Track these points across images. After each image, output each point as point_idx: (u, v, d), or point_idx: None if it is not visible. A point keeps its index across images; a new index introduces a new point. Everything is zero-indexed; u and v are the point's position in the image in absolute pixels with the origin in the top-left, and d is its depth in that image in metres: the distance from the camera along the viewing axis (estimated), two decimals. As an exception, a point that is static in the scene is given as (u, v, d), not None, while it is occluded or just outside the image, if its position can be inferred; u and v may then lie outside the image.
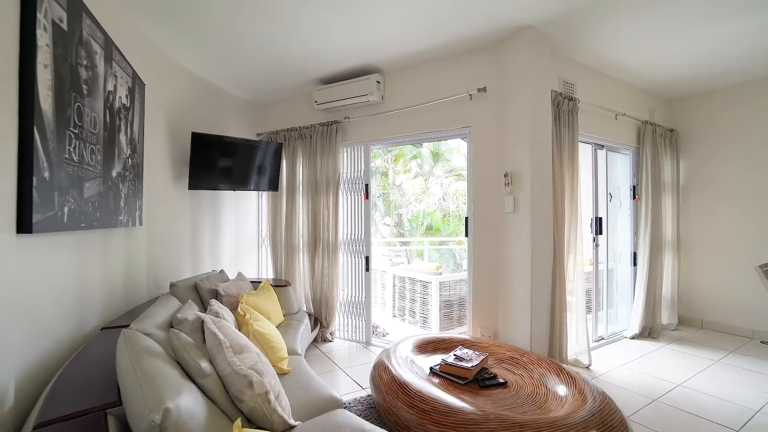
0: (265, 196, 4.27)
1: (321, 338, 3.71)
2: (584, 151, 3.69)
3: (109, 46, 2.02)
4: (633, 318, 3.88)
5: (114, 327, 2.00)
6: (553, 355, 2.92)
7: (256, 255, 4.38)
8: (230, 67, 3.39)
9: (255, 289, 3.11)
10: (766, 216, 3.74)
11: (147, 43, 2.78)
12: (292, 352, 2.44)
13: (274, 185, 3.86)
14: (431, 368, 2.38)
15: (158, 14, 2.52)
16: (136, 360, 1.25)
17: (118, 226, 2.21)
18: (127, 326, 1.72)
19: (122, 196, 2.25)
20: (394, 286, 4.77)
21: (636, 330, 3.81)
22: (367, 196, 3.69)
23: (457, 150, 9.33)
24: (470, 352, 2.43)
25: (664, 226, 4.09)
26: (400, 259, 7.45)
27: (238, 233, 4.17)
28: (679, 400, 2.51)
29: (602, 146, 3.83)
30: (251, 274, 4.20)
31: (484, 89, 3.06)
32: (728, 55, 3.29)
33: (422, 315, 4.29)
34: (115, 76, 2.12)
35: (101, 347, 1.71)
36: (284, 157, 4.02)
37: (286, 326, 2.96)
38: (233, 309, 2.46)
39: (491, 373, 2.30)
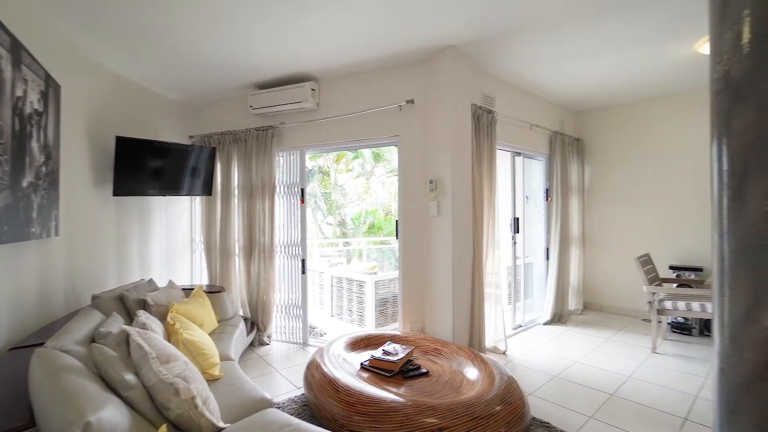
0: (198, 200, 4.17)
1: (258, 342, 3.73)
2: (504, 158, 4.09)
3: (17, 49, 1.92)
4: (546, 306, 4.38)
5: (24, 347, 1.91)
6: (473, 344, 3.24)
7: (189, 261, 4.27)
8: (159, 68, 3.28)
9: (187, 296, 3.07)
10: (649, 215, 4.44)
11: (62, 43, 2.62)
12: (225, 357, 2.48)
13: (208, 190, 3.81)
14: (362, 364, 2.56)
15: (73, 11, 2.39)
16: (54, 378, 1.27)
17: (30, 238, 2.10)
18: (40, 345, 1.68)
19: (35, 206, 2.14)
20: (332, 286, 4.90)
21: (548, 317, 4.31)
22: (302, 201, 3.77)
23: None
24: (398, 346, 2.65)
25: (572, 224, 4.65)
26: (340, 259, 7.58)
27: (169, 239, 4.03)
28: (574, 375, 2.95)
29: (519, 153, 4.26)
30: (185, 281, 4.08)
31: (412, 101, 3.28)
32: (617, 80, 3.85)
33: (358, 313, 4.47)
34: (25, 81, 2.01)
35: (9, 369, 1.66)
36: (218, 162, 3.96)
37: (220, 332, 2.97)
38: (163, 319, 2.44)
39: (415, 365, 2.53)
